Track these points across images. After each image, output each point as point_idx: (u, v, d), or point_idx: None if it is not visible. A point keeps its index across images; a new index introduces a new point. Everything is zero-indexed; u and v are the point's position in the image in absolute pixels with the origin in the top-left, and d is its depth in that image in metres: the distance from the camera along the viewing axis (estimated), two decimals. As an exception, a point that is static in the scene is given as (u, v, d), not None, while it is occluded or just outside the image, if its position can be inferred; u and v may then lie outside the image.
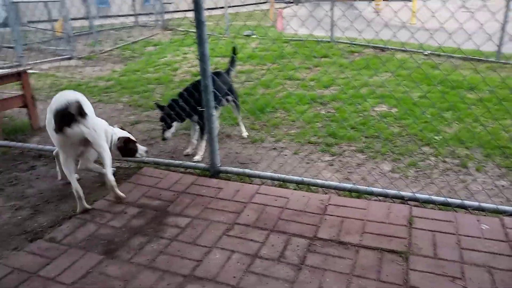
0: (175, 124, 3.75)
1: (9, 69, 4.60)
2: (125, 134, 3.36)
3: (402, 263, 2.20)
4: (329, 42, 9.26)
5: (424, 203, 2.79)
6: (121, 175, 3.35)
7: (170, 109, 3.68)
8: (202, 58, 3.01)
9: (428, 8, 2.89)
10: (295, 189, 3.06)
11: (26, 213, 2.85)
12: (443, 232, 2.45)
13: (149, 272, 2.16)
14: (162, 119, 3.75)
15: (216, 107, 3.34)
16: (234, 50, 4.25)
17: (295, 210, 2.72)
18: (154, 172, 3.37)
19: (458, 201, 2.74)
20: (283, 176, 3.12)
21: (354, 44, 8.25)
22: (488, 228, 2.47)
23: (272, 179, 3.16)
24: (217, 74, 3.82)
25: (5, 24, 9.86)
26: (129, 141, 3.33)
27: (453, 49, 6.75)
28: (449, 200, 2.75)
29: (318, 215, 2.66)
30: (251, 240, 2.42)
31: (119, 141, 3.26)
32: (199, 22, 2.92)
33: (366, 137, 4.11)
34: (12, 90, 4.95)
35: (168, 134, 3.77)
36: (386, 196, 2.87)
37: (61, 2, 8.85)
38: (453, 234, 2.43)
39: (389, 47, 7.34)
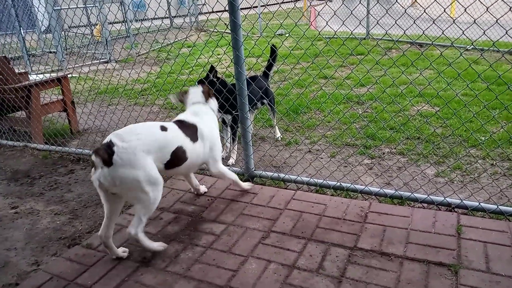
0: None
1: (50, 75, 4.73)
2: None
3: (451, 278, 2.04)
4: (364, 38, 9.01)
5: (473, 211, 2.60)
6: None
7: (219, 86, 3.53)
8: (237, 61, 2.95)
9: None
10: (332, 195, 2.95)
11: (65, 218, 2.91)
12: (496, 244, 2.26)
13: (185, 281, 2.13)
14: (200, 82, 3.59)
15: (250, 110, 3.28)
16: (272, 55, 4.07)
17: (334, 217, 2.61)
18: (188, 176, 3.34)
19: (511, 209, 2.53)
20: (320, 181, 3.02)
21: (391, 40, 7.97)
22: (548, 239, 2.26)
23: (309, 184, 3.06)
24: (253, 78, 3.76)
25: (47, 31, 10.29)
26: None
27: (498, 43, 6.37)
28: (502, 208, 2.55)
29: (358, 223, 2.53)
30: (288, 249, 2.33)
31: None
32: (234, 24, 2.85)
33: (406, 138, 3.92)
34: (52, 95, 5.10)
35: None
36: (431, 203, 2.70)
37: (98, 7, 9.11)
38: (508, 246, 2.24)
39: (428, 42, 7.02)
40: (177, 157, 2.40)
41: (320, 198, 2.86)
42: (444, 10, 2.61)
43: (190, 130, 2.56)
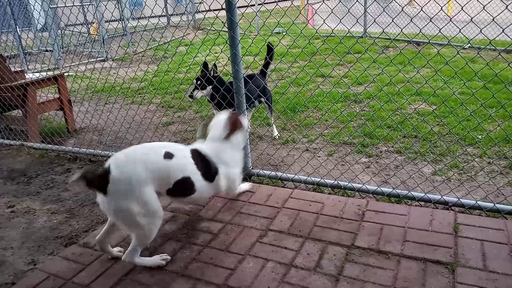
0: (209, 89, 3.73)
1: (46, 74, 4.71)
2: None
3: (448, 276, 2.04)
4: (361, 37, 9.02)
5: (470, 209, 2.61)
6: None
7: (213, 76, 3.68)
8: (234, 59, 2.95)
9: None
10: (330, 194, 2.95)
11: (61, 217, 2.89)
12: (493, 242, 2.27)
13: (182, 280, 2.12)
14: (198, 79, 3.75)
15: (248, 109, 3.28)
16: (269, 53, 4.10)
17: (331, 216, 2.61)
18: (186, 175, 3.33)
19: (508, 207, 2.54)
20: (317, 179, 3.02)
21: (388, 39, 7.98)
22: (544, 237, 2.27)
23: (306, 182, 3.06)
24: (250, 77, 3.76)
25: (44, 29, 10.24)
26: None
27: (495, 42, 6.38)
28: (498, 206, 2.55)
29: (355, 221, 2.53)
30: (286, 248, 2.33)
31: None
32: (231, 22, 2.85)
33: (404, 136, 3.92)
34: (49, 93, 5.07)
35: (198, 94, 3.75)
36: (428, 201, 2.71)
37: (94, 5, 9.08)
38: (505, 244, 2.25)
39: (425, 41, 7.03)
40: (181, 188, 2.21)
41: (317, 197, 2.86)
42: (441, 8, 2.61)
43: (207, 167, 2.33)
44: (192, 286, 2.07)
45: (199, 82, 3.72)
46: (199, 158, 2.32)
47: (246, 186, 3.02)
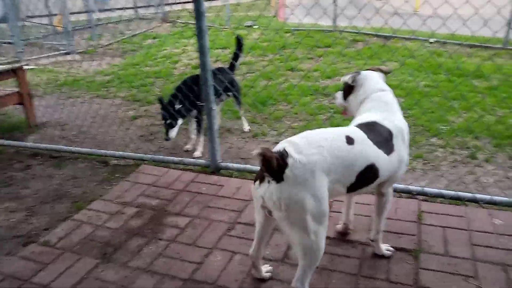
0: (179, 121, 3.52)
1: (4, 66, 4.48)
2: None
3: (412, 262, 2.09)
4: (331, 31, 9.09)
5: (434, 197, 2.68)
6: (118, 174, 3.25)
7: (172, 106, 3.43)
8: (202, 50, 2.90)
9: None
10: (298, 185, 2.95)
11: (20, 215, 2.76)
12: (454, 228, 2.35)
13: (148, 276, 2.07)
14: (164, 118, 3.47)
15: (216, 102, 3.23)
16: (238, 45, 4.03)
17: (299, 207, 2.61)
18: (153, 169, 3.27)
19: (469, 194, 2.63)
20: (286, 171, 3.01)
21: (358, 33, 8.07)
22: (502, 223, 2.37)
23: (275, 174, 3.05)
24: (219, 70, 3.70)
25: (3, 20, 9.74)
26: None
27: (459, 36, 6.57)
28: (460, 193, 2.64)
29: (323, 212, 2.54)
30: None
31: None
32: (198, 13, 2.81)
33: (371, 128, 3.97)
34: (8, 87, 4.84)
35: (173, 133, 3.48)
36: (393, 190, 2.74)
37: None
38: (465, 230, 2.32)
39: (394, 35, 7.16)
40: (365, 179, 1.82)
41: (286, 189, 2.85)
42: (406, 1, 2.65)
43: (383, 136, 1.91)
44: (157, 282, 2.03)
45: (168, 121, 3.47)
46: (374, 133, 1.90)
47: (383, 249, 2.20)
